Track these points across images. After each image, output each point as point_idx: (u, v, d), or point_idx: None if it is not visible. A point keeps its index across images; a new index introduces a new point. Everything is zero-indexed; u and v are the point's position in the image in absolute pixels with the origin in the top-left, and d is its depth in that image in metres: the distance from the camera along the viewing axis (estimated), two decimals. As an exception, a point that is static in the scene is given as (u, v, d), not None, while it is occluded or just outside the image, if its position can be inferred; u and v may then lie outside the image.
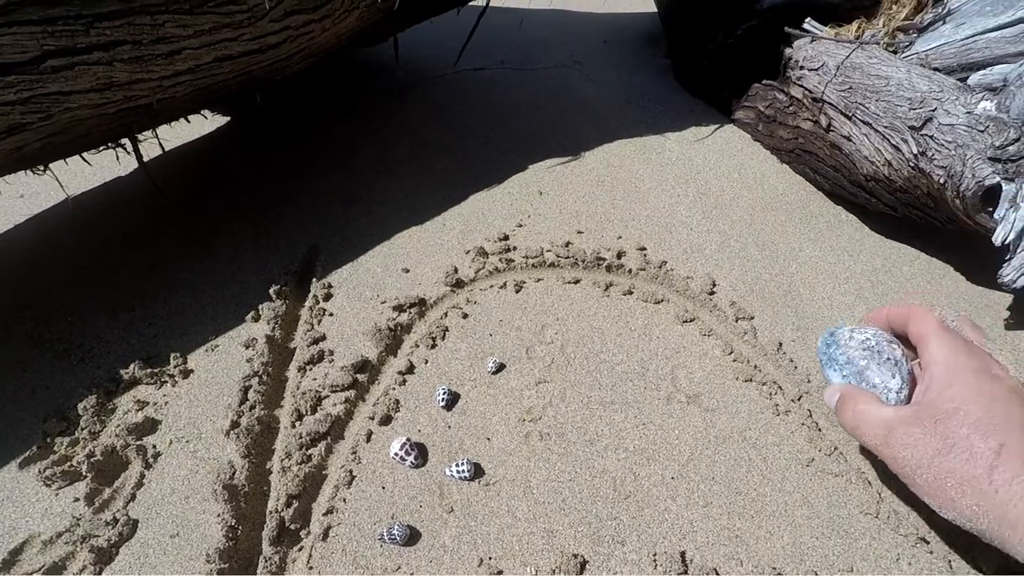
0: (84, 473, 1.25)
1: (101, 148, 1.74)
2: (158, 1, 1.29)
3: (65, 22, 1.21)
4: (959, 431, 0.42)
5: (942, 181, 1.38)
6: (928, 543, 1.13)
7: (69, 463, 1.27)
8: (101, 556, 1.14)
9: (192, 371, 1.45)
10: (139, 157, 1.72)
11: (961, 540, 1.13)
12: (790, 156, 2.00)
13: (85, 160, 1.86)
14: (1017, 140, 1.24)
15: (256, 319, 1.55)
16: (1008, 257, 1.30)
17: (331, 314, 1.57)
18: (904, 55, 1.67)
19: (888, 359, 1.11)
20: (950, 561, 1.11)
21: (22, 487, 1.25)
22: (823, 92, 1.73)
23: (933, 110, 1.39)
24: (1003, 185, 1.27)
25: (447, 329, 1.53)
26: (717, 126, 2.28)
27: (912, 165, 1.47)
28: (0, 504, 1.22)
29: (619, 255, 1.71)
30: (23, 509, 1.22)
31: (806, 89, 1.82)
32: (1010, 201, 1.26)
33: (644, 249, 1.74)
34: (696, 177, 2.03)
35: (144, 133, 1.87)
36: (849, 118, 1.65)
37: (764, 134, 2.09)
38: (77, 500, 1.23)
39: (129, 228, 1.86)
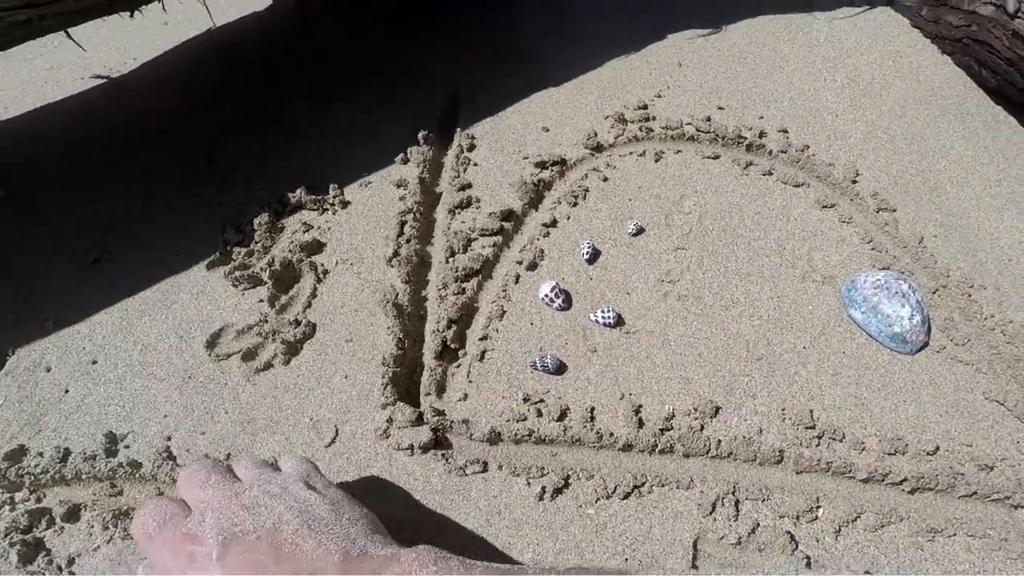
0: (265, 279, 1.41)
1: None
2: None
3: None
4: None
5: None
6: (1049, 433, 1.20)
7: (250, 269, 1.43)
8: (290, 348, 1.31)
9: (350, 203, 1.56)
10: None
11: (1085, 433, 1.19)
12: (955, 46, 1.85)
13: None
14: None
15: (405, 161, 1.62)
16: None
17: (475, 164, 1.62)
18: None
19: (896, 292, 1.29)
20: (1067, 451, 1.18)
21: (212, 285, 1.42)
22: (1022, -29, 1.57)
23: None
24: None
25: (587, 189, 1.57)
26: (870, 7, 2.10)
27: (1116, 61, 1.35)
28: (196, 297, 1.40)
29: (760, 135, 1.68)
30: (216, 303, 1.39)
31: (998, -32, 1.65)
32: None
33: (786, 131, 1.70)
34: (846, 61, 1.91)
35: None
36: (1048, 4, 1.51)
37: (928, 19, 1.93)
38: (261, 301, 1.39)
39: (275, 63, 1.91)
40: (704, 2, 2.13)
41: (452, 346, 1.32)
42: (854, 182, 1.59)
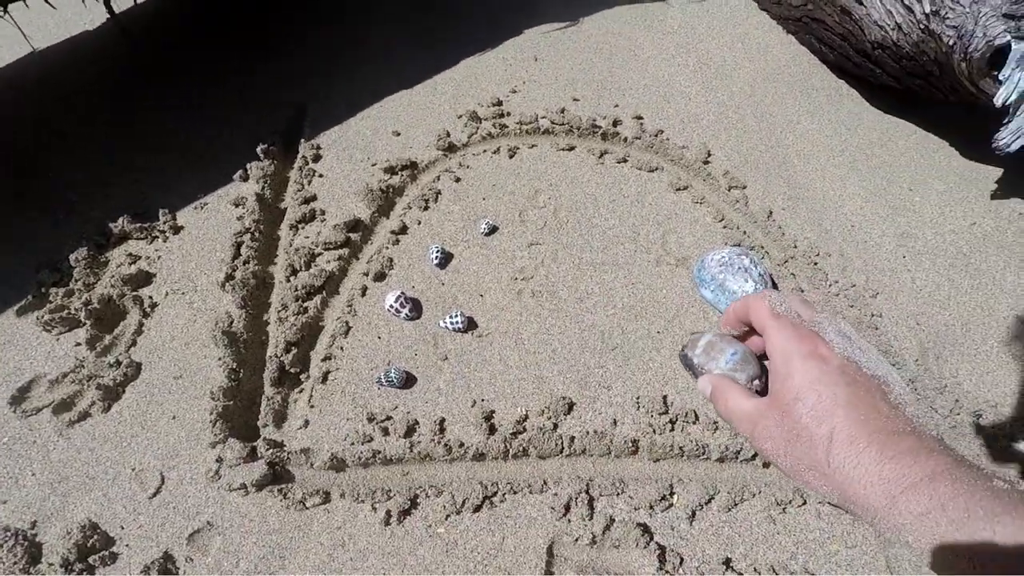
0: (83, 320, 1.27)
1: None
2: None
3: None
4: (800, 420, 0.44)
5: (951, 43, 1.34)
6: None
7: (67, 311, 1.29)
8: (108, 394, 1.19)
9: (183, 227, 1.44)
10: (108, 4, 1.59)
11: (923, 385, 1.21)
12: (797, 25, 1.91)
13: (51, 4, 1.71)
14: (1036, -6, 1.19)
15: (245, 179, 1.52)
16: (1006, 120, 1.29)
17: (321, 175, 1.54)
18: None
19: (739, 268, 1.32)
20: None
21: (22, 332, 1.27)
22: (840, -51, 1.63)
23: (953, -36, 1.32)
24: (1013, 44, 1.23)
25: (440, 192, 1.51)
26: (723, -6, 2.16)
27: (923, 27, 1.41)
28: (2, 348, 1.25)
29: (615, 123, 1.67)
30: (25, 352, 1.24)
31: (822, -53, 1.71)
32: (1017, 60, 1.23)
33: (641, 118, 1.70)
34: (697, 46, 1.94)
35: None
36: (864, -22, 1.57)
37: (772, 1, 1.99)
38: (79, 344, 1.25)
39: (103, 84, 1.76)
40: (562, -3, 2.13)
41: (292, 370, 1.23)
42: (706, 163, 1.60)
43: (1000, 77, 1.26)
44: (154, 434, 1.15)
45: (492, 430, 1.15)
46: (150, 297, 1.33)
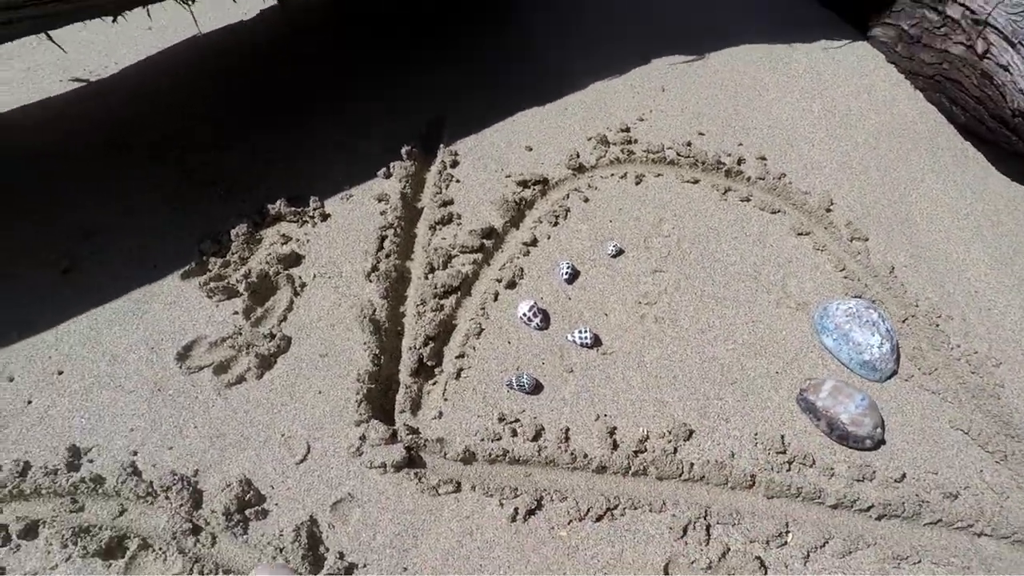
0: (241, 291, 1.39)
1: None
2: None
3: None
4: None
5: (1108, 123, 1.34)
6: (1008, 461, 1.22)
7: (226, 280, 1.41)
8: (263, 362, 1.29)
9: (330, 215, 1.55)
10: (280, -1, 1.72)
11: (1045, 463, 1.22)
12: (927, 83, 1.91)
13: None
14: None
15: (387, 176, 1.62)
16: None
17: (458, 180, 1.63)
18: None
19: (867, 321, 1.33)
20: (1028, 480, 1.21)
21: (186, 295, 1.39)
22: (989, 13, 1.63)
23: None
24: None
25: (569, 209, 1.58)
26: (849, 41, 2.16)
27: (1076, 104, 1.41)
28: (169, 307, 1.37)
29: (739, 161, 1.71)
30: (190, 314, 1.36)
31: (967, 8, 1.71)
32: None
33: (764, 159, 1.73)
34: (823, 92, 1.97)
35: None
36: (1013, 45, 1.57)
37: (903, 55, 1.99)
38: (236, 313, 1.37)
39: (260, 75, 1.90)
40: (688, 30, 2.17)
41: (428, 363, 1.31)
42: (828, 211, 1.62)
43: None
44: (302, 405, 1.25)
45: (615, 445, 1.20)
46: (299, 277, 1.44)
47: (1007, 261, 1.55)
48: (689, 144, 1.74)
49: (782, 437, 1.23)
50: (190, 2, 1.69)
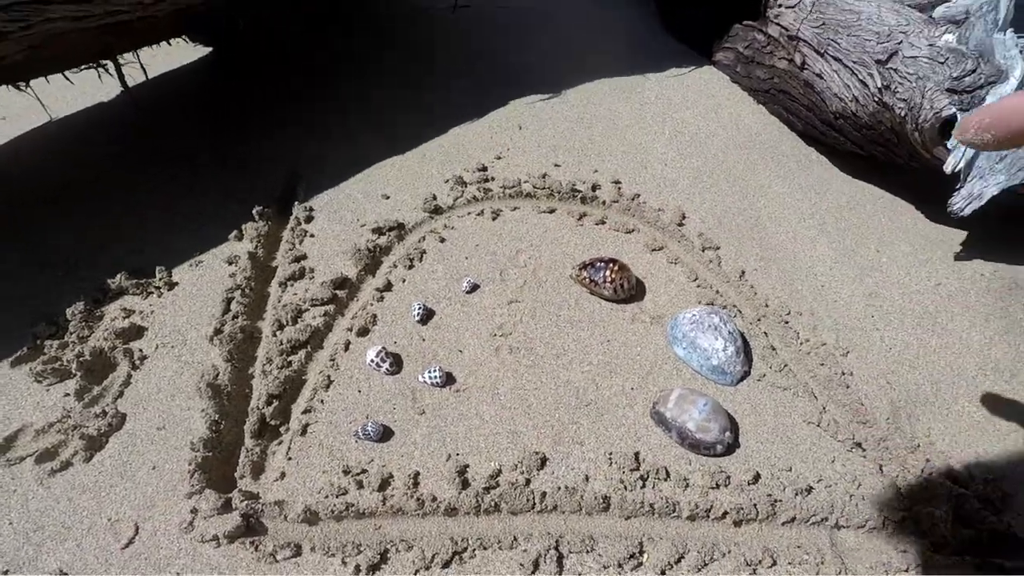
0: (73, 371, 1.31)
1: (83, 68, 1.74)
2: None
3: (42, -75, 1.21)
4: None
5: (903, 114, 1.43)
6: (863, 449, 1.23)
7: (59, 362, 1.33)
8: (92, 443, 1.21)
9: (177, 283, 1.50)
10: (121, 79, 1.73)
11: (895, 444, 1.23)
12: (766, 96, 2.03)
13: (68, 79, 1.85)
14: (974, 71, 1.28)
15: (239, 238, 1.59)
16: (958, 187, 1.37)
17: (312, 235, 1.62)
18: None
19: (709, 326, 1.35)
20: (880, 465, 1.21)
21: (14, 383, 1.31)
22: (798, 29, 1.76)
23: (899, 43, 1.43)
24: (958, 116, 1.32)
25: (424, 252, 1.58)
26: (696, 67, 2.29)
27: (877, 100, 1.51)
28: (-7, 399, 1.29)
29: (594, 187, 1.76)
30: (16, 402, 1.28)
31: (782, 27, 1.85)
32: (964, 133, 1.31)
33: (619, 182, 1.79)
34: (673, 115, 2.06)
35: (126, 57, 1.87)
36: (821, 55, 1.69)
37: (742, 75, 2.12)
38: (67, 395, 1.29)
39: (112, 150, 1.87)
40: (547, 70, 2.27)
41: (273, 423, 1.25)
42: (680, 225, 1.67)
43: (948, 146, 1.35)
44: (132, 484, 1.17)
45: (465, 484, 1.16)
46: (140, 350, 1.37)
47: (850, 253, 1.61)
48: (545, 176, 1.78)
49: (636, 454, 1.21)
50: (25, 87, 1.67)
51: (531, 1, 2.75)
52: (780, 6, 1.83)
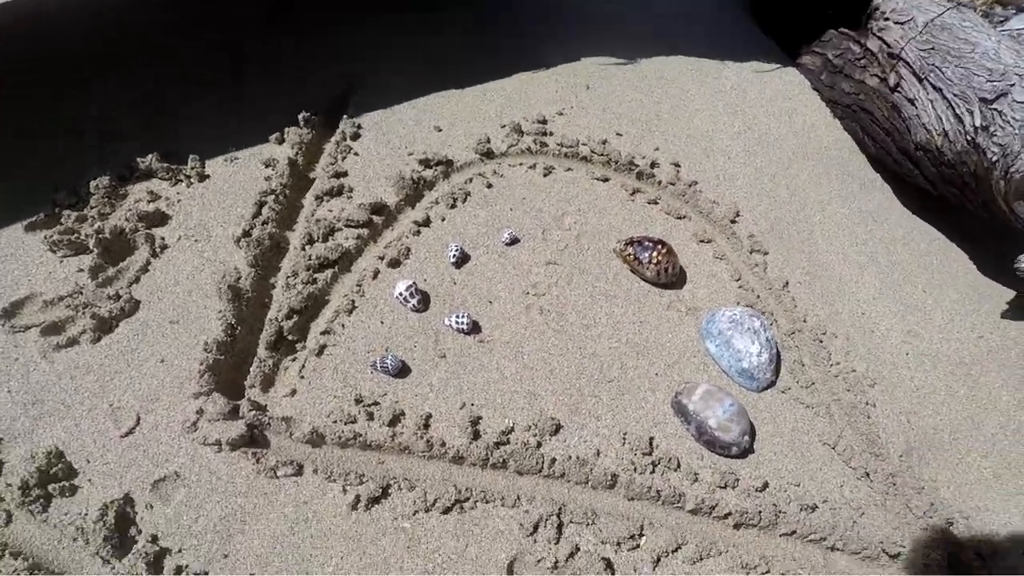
0: (91, 248, 1.26)
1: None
2: None
3: None
4: None
5: (994, 159, 1.37)
6: (871, 480, 1.21)
7: (76, 235, 1.28)
8: (101, 324, 1.17)
9: (209, 176, 1.44)
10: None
11: (903, 481, 1.21)
12: (845, 111, 1.95)
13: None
14: (1082, 129, 1.22)
15: (280, 141, 1.52)
16: (1032, 243, 1.32)
17: (356, 153, 1.55)
18: (999, 28, 1.60)
19: (748, 328, 1.31)
20: (886, 499, 1.20)
21: (27, 248, 1.26)
22: (903, 48, 1.67)
23: (1012, 85, 1.36)
24: (1053, 172, 1.26)
25: (469, 194, 1.52)
26: (779, 66, 2.19)
27: (969, 139, 1.44)
28: (3, 259, 1.24)
29: (652, 165, 1.69)
30: (27, 268, 1.23)
31: (884, 42, 1.75)
32: (1054, 189, 1.26)
33: (678, 165, 1.72)
34: (746, 110, 1.98)
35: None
36: (920, 80, 1.60)
37: (825, 84, 2.03)
38: (81, 271, 1.24)
39: (161, 19, 1.78)
40: (626, 34, 2.16)
41: (289, 337, 1.21)
42: (733, 222, 1.62)
43: (1034, 200, 1.29)
44: (139, 374, 1.13)
45: (476, 435, 1.14)
46: (162, 238, 1.32)
47: (896, 288, 1.57)
48: (605, 142, 1.70)
49: (651, 439, 1.19)
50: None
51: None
52: (887, 20, 1.73)
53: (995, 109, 1.36)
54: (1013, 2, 1.61)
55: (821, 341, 1.41)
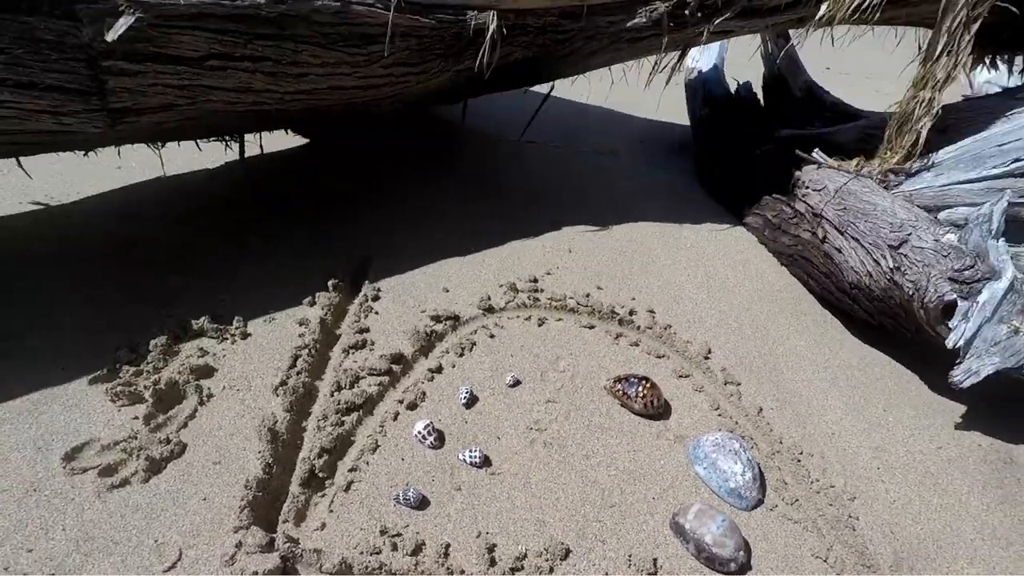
0: (147, 397, 1.43)
1: (212, 139, 2.04)
2: (303, 34, 1.61)
3: (232, 35, 1.52)
4: None
5: (911, 293, 1.65)
6: (867, 591, 1.29)
7: (134, 387, 1.45)
8: (152, 466, 1.30)
9: (250, 335, 1.66)
10: (242, 151, 2.01)
11: (896, 592, 1.29)
12: (789, 260, 2.28)
13: (198, 146, 2.15)
14: (972, 267, 1.51)
15: (312, 304, 1.77)
16: (958, 361, 1.54)
17: (376, 312, 1.79)
18: (892, 192, 1.99)
19: (730, 450, 1.48)
20: (885, 611, 1.27)
21: (90, 399, 1.43)
22: (823, 209, 2.04)
23: (908, 234, 1.68)
24: (958, 301, 1.53)
25: (475, 343, 1.74)
26: (729, 226, 2.59)
27: (888, 278, 1.74)
28: (69, 409, 1.40)
29: (631, 312, 1.95)
30: (89, 417, 1.39)
31: (808, 205, 2.14)
32: (963, 315, 1.52)
33: (653, 312, 1.98)
34: (706, 263, 2.30)
35: (248, 136, 2.18)
36: (841, 233, 1.95)
37: (769, 238, 2.39)
38: (136, 418, 1.40)
39: (215, 211, 2.12)
40: (597, 207, 2.56)
41: (320, 475, 1.34)
42: (706, 358, 1.84)
43: (950, 325, 1.54)
44: (183, 511, 1.24)
45: (492, 562, 1.23)
46: (209, 388, 1.50)
47: (859, 408, 1.75)
48: (588, 295, 1.98)
49: (654, 560, 1.28)
50: (160, 146, 1.95)
51: (597, 145, 3.14)
52: (808, 188, 2.14)
53: (902, 253, 1.68)
54: (903, 170, 2.02)
55: (799, 460, 1.56)
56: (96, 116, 1.48)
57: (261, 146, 2.29)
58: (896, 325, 1.84)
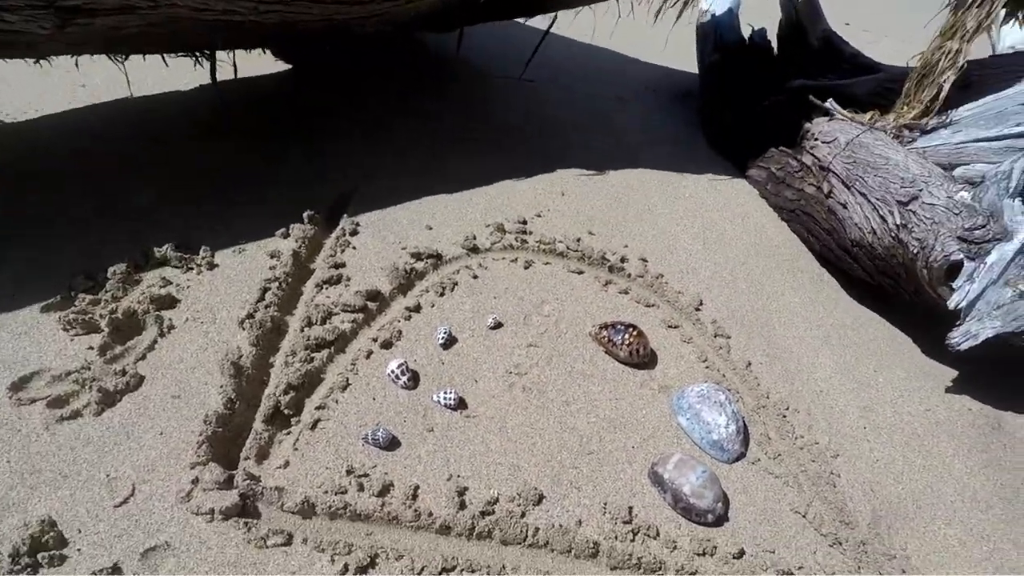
0: (103, 327, 1.35)
1: (180, 54, 1.88)
2: (277, -66, 1.45)
3: (196, -71, 1.36)
4: None
5: (915, 252, 1.57)
6: (843, 547, 1.27)
7: (89, 316, 1.37)
8: (106, 398, 1.23)
9: (217, 265, 1.56)
10: (213, 72, 1.86)
11: (874, 549, 1.27)
12: (790, 215, 2.19)
13: (165, 61, 1.99)
14: (984, 226, 1.43)
15: (285, 236, 1.67)
16: (958, 323, 1.48)
17: (354, 247, 1.70)
18: (906, 147, 1.89)
19: (715, 402, 1.43)
20: (859, 565, 1.24)
21: (41, 328, 1.34)
22: (831, 162, 1.94)
23: (920, 190, 1.59)
24: (964, 262, 1.45)
25: (456, 284, 1.66)
26: (731, 177, 2.48)
27: (893, 235, 1.66)
28: (17, 337, 1.31)
29: (622, 260, 1.87)
30: (39, 346, 1.30)
31: (816, 158, 2.03)
32: (968, 276, 1.45)
33: (645, 260, 1.90)
34: (704, 214, 2.21)
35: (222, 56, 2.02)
36: (848, 187, 1.85)
37: (771, 192, 2.29)
38: (91, 348, 1.32)
39: (186, 133, 1.99)
40: (596, 150, 2.44)
41: (285, 412, 1.28)
42: (697, 309, 1.77)
43: (954, 286, 1.47)
44: (137, 445, 1.18)
45: (462, 505, 1.18)
46: (170, 319, 1.41)
47: (849, 368, 1.70)
48: (579, 240, 1.89)
49: (630, 508, 1.24)
50: (123, 59, 1.80)
51: (598, 89, 2.98)
52: (817, 140, 2.02)
53: (910, 210, 1.59)
54: (918, 126, 1.91)
55: (785, 416, 1.51)
56: (42, 14, 1.33)
57: (235, 65, 2.13)
58: (895, 286, 1.77)
